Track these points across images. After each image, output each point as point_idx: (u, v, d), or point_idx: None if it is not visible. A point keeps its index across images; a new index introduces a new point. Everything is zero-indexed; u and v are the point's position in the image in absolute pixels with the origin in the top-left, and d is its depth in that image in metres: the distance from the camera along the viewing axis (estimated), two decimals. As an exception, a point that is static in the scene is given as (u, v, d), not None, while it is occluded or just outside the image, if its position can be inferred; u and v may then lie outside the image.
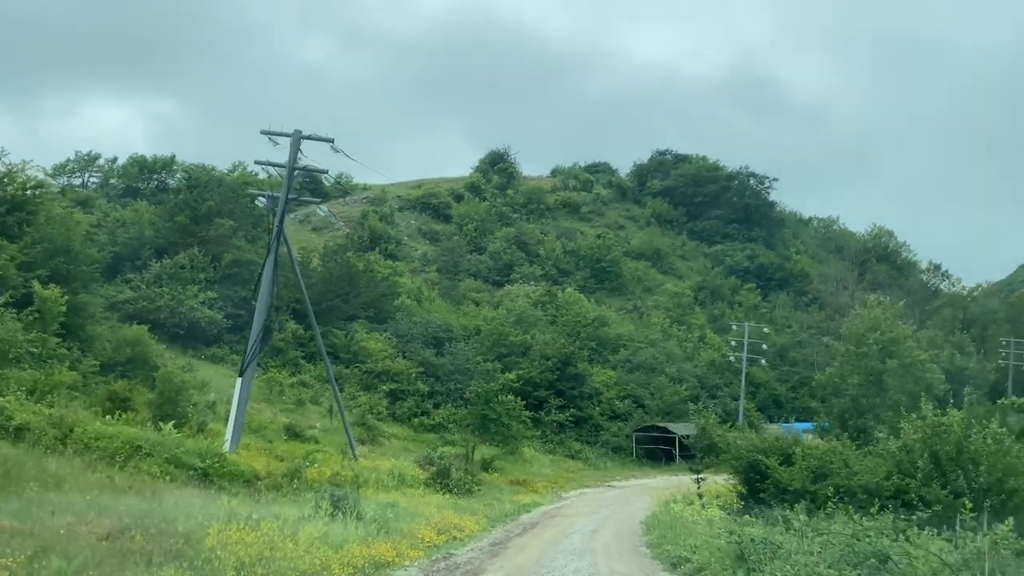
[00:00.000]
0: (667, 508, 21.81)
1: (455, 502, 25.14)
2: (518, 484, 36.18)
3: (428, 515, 19.35)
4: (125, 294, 50.72)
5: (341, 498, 16.11)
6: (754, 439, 22.05)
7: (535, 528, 21.92)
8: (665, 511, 21.25)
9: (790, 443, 21.36)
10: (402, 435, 46.87)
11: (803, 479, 19.32)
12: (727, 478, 23.70)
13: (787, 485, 19.42)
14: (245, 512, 13.59)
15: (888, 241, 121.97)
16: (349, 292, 59.87)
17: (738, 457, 21.57)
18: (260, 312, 28.73)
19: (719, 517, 18.63)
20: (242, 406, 27.91)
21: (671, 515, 20.30)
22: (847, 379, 36.28)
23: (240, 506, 14.78)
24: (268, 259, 29.18)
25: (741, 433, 26.27)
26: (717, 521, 17.21)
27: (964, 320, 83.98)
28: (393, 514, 17.58)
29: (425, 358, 55.17)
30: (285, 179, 28.86)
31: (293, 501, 19.08)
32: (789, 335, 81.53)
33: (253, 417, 38.48)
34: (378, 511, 17.12)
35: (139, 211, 60.70)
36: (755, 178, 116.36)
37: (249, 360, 28.29)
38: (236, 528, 11.67)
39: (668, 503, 22.81)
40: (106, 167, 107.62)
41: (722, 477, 24.62)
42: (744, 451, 21.26)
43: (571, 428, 56.46)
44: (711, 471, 27.36)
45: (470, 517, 21.29)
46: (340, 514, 15.28)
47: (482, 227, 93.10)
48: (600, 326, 70.25)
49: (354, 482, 22.58)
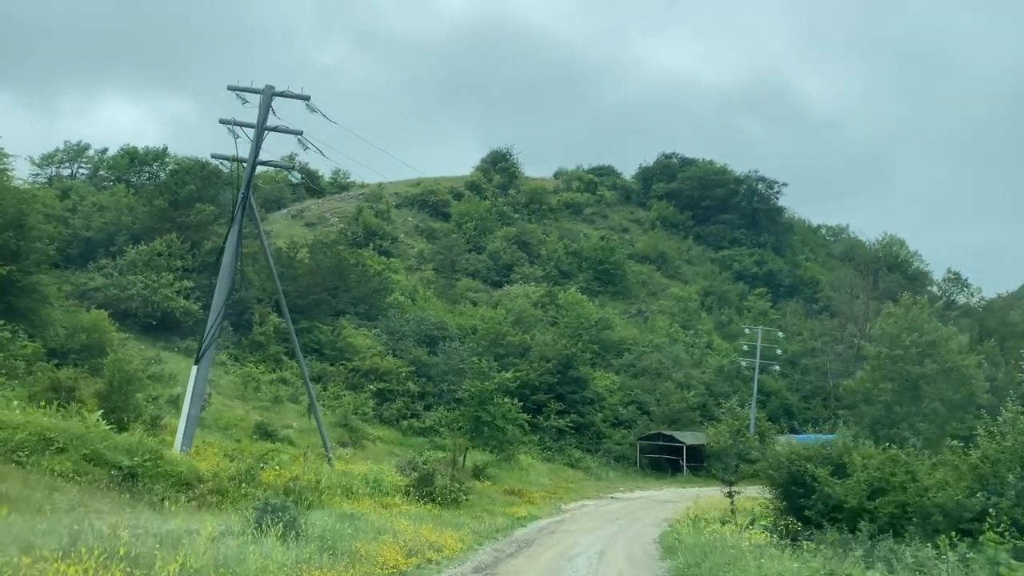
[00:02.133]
0: (696, 527, 17.93)
1: (438, 514, 21.63)
2: (513, 494, 32.61)
3: (399, 530, 15.86)
4: (96, 281, 47.31)
5: (277, 509, 12.59)
6: (796, 445, 18.54)
7: (531, 547, 18.38)
8: (692, 531, 17.34)
9: (841, 450, 17.82)
10: (389, 438, 43.31)
11: (860, 495, 15.79)
12: (761, 491, 20.19)
13: (840, 501, 15.89)
14: (133, 527, 10.02)
15: (899, 250, 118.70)
16: (338, 286, 56.41)
17: (777, 467, 18.04)
18: (220, 292, 25.26)
19: (766, 541, 14.99)
20: (197, 399, 24.40)
21: (702, 536, 16.59)
22: (879, 384, 32.71)
23: (139, 517, 11.23)
24: (231, 231, 25.75)
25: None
26: (772, 550, 13.47)
27: (980, 331, 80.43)
28: (352, 529, 14.10)
29: (417, 357, 51.64)
30: (253, 140, 25.43)
31: (236, 510, 15.57)
32: (800, 343, 78.06)
33: (223, 414, 35.06)
34: (331, 526, 13.62)
35: (116, 195, 57.30)
36: (764, 182, 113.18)
37: (205, 347, 24.78)
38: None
39: (696, 520, 18.84)
40: (96, 158, 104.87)
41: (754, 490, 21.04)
42: (784, 460, 17.74)
43: (571, 435, 52.88)
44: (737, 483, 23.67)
45: (453, 533, 17.76)
46: (272, 530, 11.78)
47: (482, 226, 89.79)
48: (603, 328, 66.76)
49: (314, 488, 19.09)
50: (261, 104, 25.33)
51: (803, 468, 17.03)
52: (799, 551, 12.54)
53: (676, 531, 18.72)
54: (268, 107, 25.35)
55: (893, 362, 33.01)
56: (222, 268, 25.56)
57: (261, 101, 25.36)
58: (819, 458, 17.40)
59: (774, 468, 18.12)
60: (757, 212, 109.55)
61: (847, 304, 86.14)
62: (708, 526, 17.82)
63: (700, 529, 17.13)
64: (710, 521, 18.41)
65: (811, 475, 16.80)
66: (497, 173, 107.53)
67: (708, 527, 17.53)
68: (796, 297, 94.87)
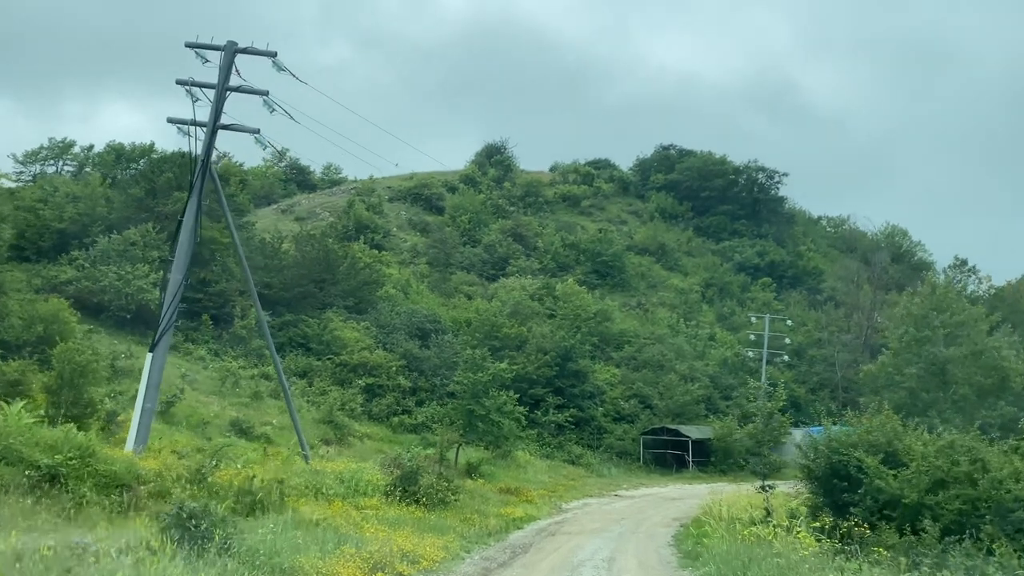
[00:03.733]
0: (730, 530, 15.14)
1: (421, 517, 19.08)
2: (509, 493, 30.05)
3: (367, 538, 13.32)
4: (67, 273, 44.75)
5: (193, 516, 10.06)
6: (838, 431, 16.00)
7: (527, 554, 15.86)
8: (726, 535, 14.47)
9: (890, 435, 15.26)
10: (378, 435, 40.83)
11: (920, 488, 13.26)
12: (793, 486, 17.66)
13: (895, 496, 13.37)
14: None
15: (902, 240, 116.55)
16: (325, 279, 53.87)
17: (814, 457, 15.51)
18: (177, 269, 22.74)
19: (819, 547, 12.34)
20: (152, 391, 21.85)
21: (735, 540, 13.89)
22: (903, 369, 30.17)
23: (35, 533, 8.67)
24: (189, 202, 23.25)
25: None
26: (837, 561, 10.86)
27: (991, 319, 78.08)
28: (306, 540, 11.57)
29: (408, 350, 49.12)
30: (214, 100, 22.89)
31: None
32: (805, 334, 75.63)
33: (196, 411, 32.56)
34: (274, 538, 11.08)
35: (91, 184, 54.68)
36: (764, 172, 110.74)
37: (161, 332, 22.23)
38: None
39: (730, 521, 15.98)
40: (81, 155, 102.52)
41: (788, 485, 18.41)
42: (824, 448, 15.21)
43: (571, 430, 50.37)
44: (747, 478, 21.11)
45: (436, 539, 15.24)
46: (192, 545, 9.29)
47: (476, 219, 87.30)
48: (603, 320, 64.18)
49: (276, 490, 16.54)
50: (222, 62, 22.83)
51: (847, 458, 14.54)
52: (862, 561, 10.09)
53: (695, 533, 16.23)
54: (230, 65, 22.84)
55: (919, 344, 30.55)
56: (179, 243, 23.06)
57: (222, 59, 22.86)
58: (864, 444, 14.92)
59: (814, 458, 15.60)
60: (758, 203, 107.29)
61: (852, 294, 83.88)
62: (743, 528, 15.09)
63: (735, 532, 14.39)
64: (742, 523, 15.71)
65: (856, 465, 14.33)
66: (492, 167, 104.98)
67: (744, 529, 14.81)
68: (799, 288, 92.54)
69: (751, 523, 15.16)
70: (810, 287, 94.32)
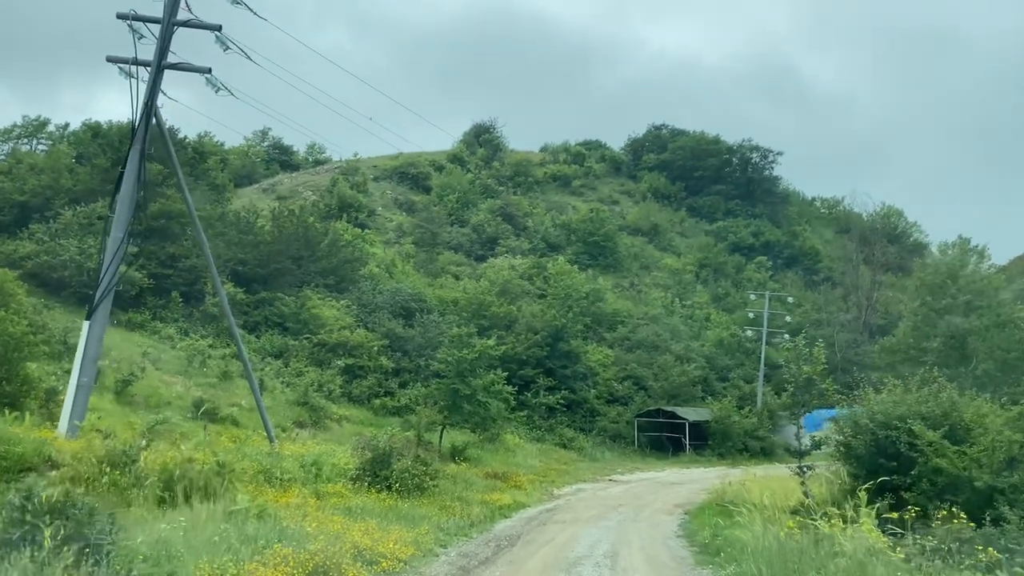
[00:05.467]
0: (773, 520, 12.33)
1: (392, 505, 16.71)
2: (496, 478, 27.71)
3: (316, 532, 10.93)
4: (26, 248, 42.02)
5: (49, 511, 7.57)
6: (886, 399, 13.64)
7: (515, 547, 13.51)
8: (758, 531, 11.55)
9: (946, 405, 12.89)
10: (358, 418, 38.39)
11: (993, 469, 10.95)
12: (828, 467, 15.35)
13: (960, 477, 11.05)
14: None
15: (897, 221, 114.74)
16: (303, 256, 51.22)
17: (856, 432, 13.18)
18: (118, 227, 20.22)
19: (889, 542, 9.89)
20: (89, 365, 19.36)
21: (767, 533, 11.24)
22: (921, 343, 27.90)
23: None
24: (132, 149, 20.64)
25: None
26: (934, 562, 8.52)
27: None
28: (229, 537, 9.16)
29: (391, 330, 46.62)
30: (160, 36, 20.29)
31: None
32: (802, 315, 73.57)
33: (156, 391, 30.01)
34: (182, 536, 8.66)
35: (55, 155, 51.81)
36: (758, 151, 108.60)
37: (99, 298, 19.73)
38: None
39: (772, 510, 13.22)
40: (56, 134, 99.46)
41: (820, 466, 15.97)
42: (869, 422, 12.86)
43: (563, 413, 48.09)
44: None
45: (406, 532, 12.86)
46: (33, 549, 6.87)
47: (464, 199, 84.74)
48: (595, 301, 61.85)
49: (217, 474, 14.11)
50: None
51: (896, 433, 12.23)
52: (964, 565, 7.82)
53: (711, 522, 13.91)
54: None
55: (937, 315, 28.30)
56: (120, 197, 20.52)
57: (169, -10, 20.21)
58: (919, 415, 12.58)
59: (856, 433, 13.25)
60: (752, 182, 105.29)
61: (851, 274, 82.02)
62: (776, 518, 12.52)
63: (772, 522, 11.72)
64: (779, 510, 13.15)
65: (908, 442, 12.03)
66: (481, 146, 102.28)
67: (783, 518, 12.22)
68: (795, 268, 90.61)
69: (788, 511, 12.63)
70: (806, 267, 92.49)
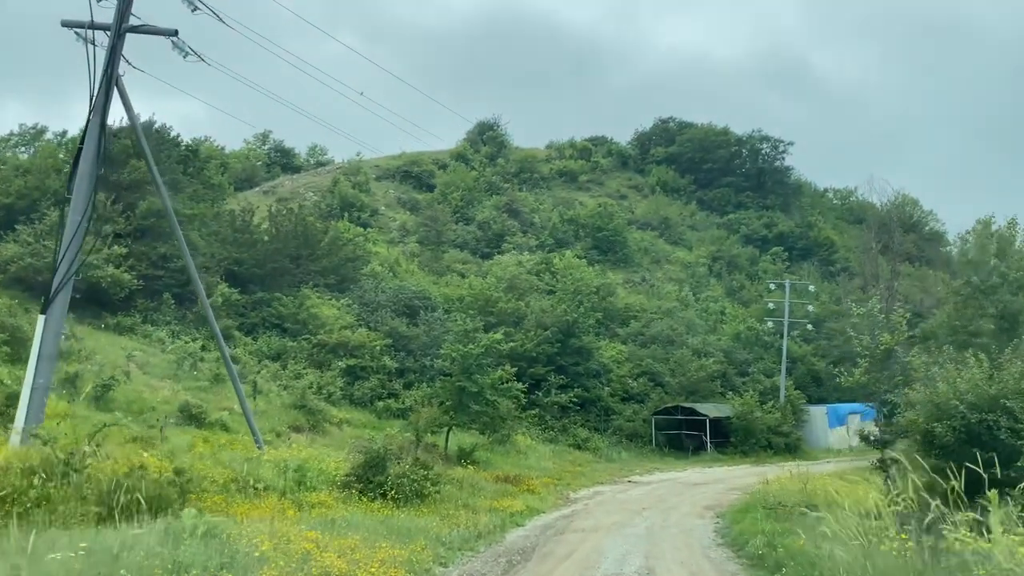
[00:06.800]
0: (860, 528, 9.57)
1: (387, 516, 14.54)
2: (507, 482, 25.51)
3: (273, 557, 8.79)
4: (10, 250, 40.08)
5: None
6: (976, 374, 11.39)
7: (530, 562, 11.33)
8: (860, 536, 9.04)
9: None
10: (360, 421, 36.25)
11: None
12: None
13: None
14: None
15: (912, 210, 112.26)
16: (302, 255, 49.21)
17: (943, 416, 10.96)
18: (75, 209, 18.24)
19: None
20: (45, 364, 17.28)
21: (850, 542, 8.65)
22: (968, 325, 25.53)
23: None
24: (90, 124, 18.60)
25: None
26: None
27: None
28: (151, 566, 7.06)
29: (394, 328, 44.52)
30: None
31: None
32: (820, 306, 71.19)
33: (140, 396, 27.95)
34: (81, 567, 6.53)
35: (43, 154, 49.97)
36: (768, 142, 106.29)
37: (56, 290, 17.68)
38: None
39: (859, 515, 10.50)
40: (54, 141, 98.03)
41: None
42: (959, 404, 10.62)
43: (576, 412, 45.85)
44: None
45: (398, 549, 10.69)
46: None
47: (469, 196, 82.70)
48: (606, 296, 59.63)
49: (173, 484, 12.00)
50: (129, -53, 18.15)
51: (995, 416, 10.08)
52: None
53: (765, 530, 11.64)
54: (139, -48, 18.18)
55: (985, 294, 25.99)
56: (78, 176, 18.59)
57: (129, -56, 18.17)
58: (1017, 396, 10.42)
59: (938, 417, 11.03)
60: (762, 173, 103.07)
61: (870, 264, 79.66)
62: (862, 522, 10.01)
63: (875, 532, 9.27)
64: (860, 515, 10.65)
65: (1010, 428, 9.88)
66: (485, 143, 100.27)
67: (876, 526, 9.71)
68: (811, 259, 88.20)
69: (868, 516, 10.08)
70: (822, 258, 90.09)
